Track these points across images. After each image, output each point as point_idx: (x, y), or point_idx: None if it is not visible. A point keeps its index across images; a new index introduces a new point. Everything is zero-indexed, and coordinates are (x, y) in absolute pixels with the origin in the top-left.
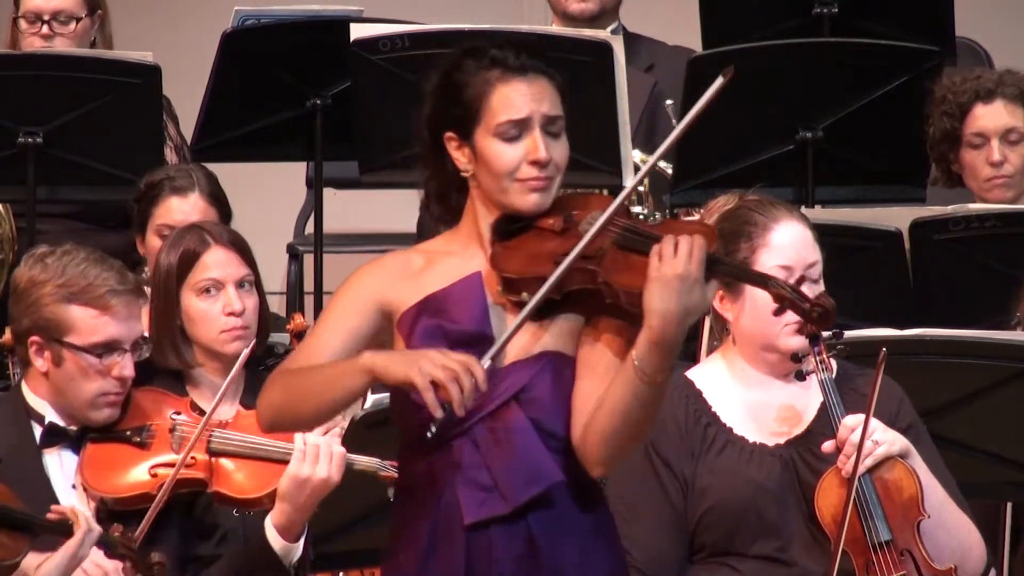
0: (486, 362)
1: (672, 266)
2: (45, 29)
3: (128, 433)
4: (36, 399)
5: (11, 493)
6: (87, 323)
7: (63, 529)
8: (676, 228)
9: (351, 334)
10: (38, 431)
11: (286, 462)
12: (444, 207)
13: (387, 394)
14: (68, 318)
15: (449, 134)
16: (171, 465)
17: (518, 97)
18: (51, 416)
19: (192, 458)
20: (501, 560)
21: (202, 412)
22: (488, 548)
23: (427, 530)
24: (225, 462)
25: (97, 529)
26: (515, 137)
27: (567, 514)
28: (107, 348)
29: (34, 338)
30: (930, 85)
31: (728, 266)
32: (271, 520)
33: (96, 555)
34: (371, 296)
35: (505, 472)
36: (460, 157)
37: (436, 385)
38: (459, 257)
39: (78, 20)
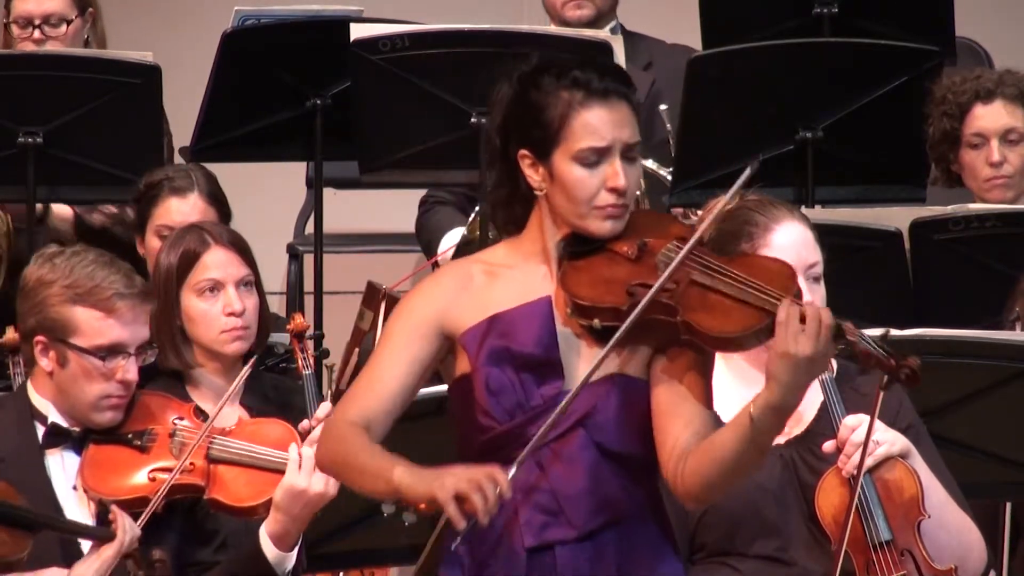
0: (512, 469)
1: (804, 346)
2: (36, 33)
3: (130, 436)
4: (40, 399)
5: (13, 490)
6: (92, 325)
7: (65, 526)
8: (756, 267)
9: (413, 362)
10: (41, 431)
11: (283, 472)
12: (510, 217)
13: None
14: (73, 319)
15: (523, 152)
16: (171, 470)
17: (600, 124)
18: (54, 416)
19: (191, 464)
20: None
21: (206, 416)
22: (553, 568)
23: (486, 551)
24: (223, 469)
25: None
26: (595, 163)
27: (633, 530)
28: (111, 351)
29: (39, 337)
30: (930, 85)
31: (851, 335)
32: (265, 529)
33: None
34: (431, 318)
35: (571, 498)
36: (534, 175)
37: (459, 498)
38: (522, 272)
39: (69, 22)
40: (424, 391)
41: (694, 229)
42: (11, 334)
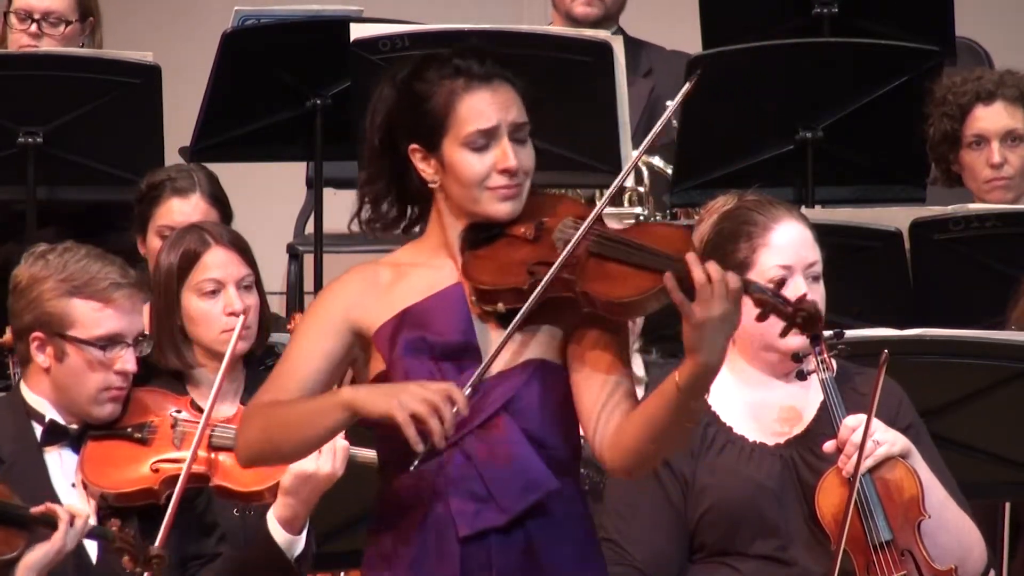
0: (467, 389)
1: (714, 308)
2: (34, 28)
3: (129, 430)
4: (36, 398)
5: (7, 489)
6: (90, 316)
7: (48, 522)
8: (653, 234)
9: (325, 357)
10: (38, 430)
11: None
12: (395, 215)
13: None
14: (70, 312)
15: (414, 146)
16: (173, 461)
17: (485, 106)
18: (51, 414)
19: (195, 453)
20: (499, 571)
21: (202, 410)
22: (486, 559)
23: (417, 545)
24: (226, 457)
25: (83, 523)
26: (484, 147)
27: (563, 521)
28: (110, 341)
29: (36, 334)
30: (930, 85)
31: (751, 285)
32: (274, 513)
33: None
34: (341, 315)
35: (500, 482)
36: (426, 168)
37: (416, 418)
38: (428, 268)
39: (68, 23)
40: None
41: (589, 207)
42: (10, 334)
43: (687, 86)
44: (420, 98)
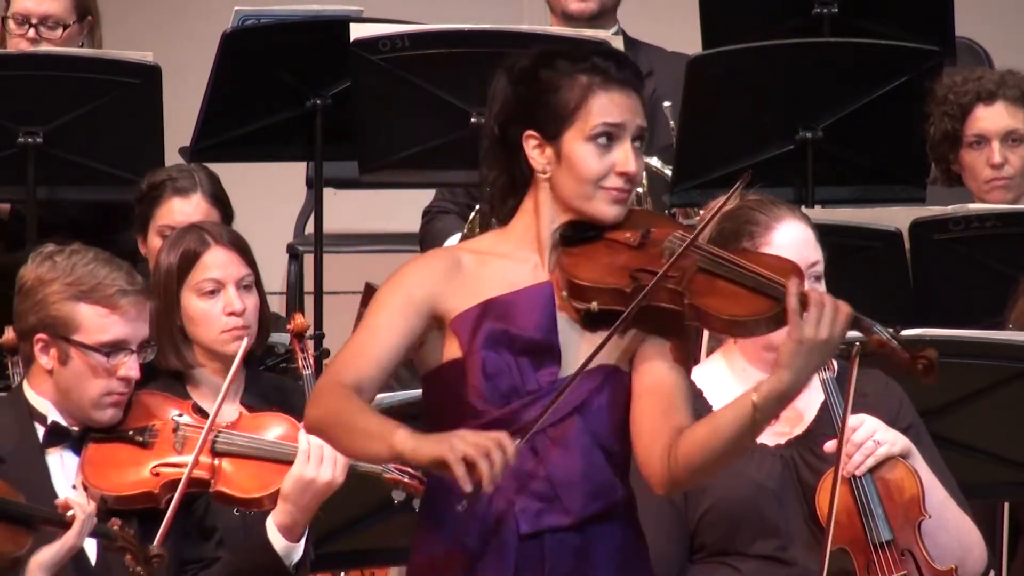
0: (519, 441)
1: (819, 332)
2: (32, 32)
3: (131, 433)
4: (38, 399)
5: (10, 488)
6: (95, 322)
7: (62, 521)
8: (763, 260)
9: (402, 334)
10: (40, 431)
11: (289, 463)
12: (508, 206)
13: (393, 394)
14: (76, 316)
15: (530, 132)
16: (174, 465)
17: (618, 107)
18: (53, 416)
19: (197, 458)
20: (553, 569)
21: (204, 413)
22: (539, 558)
23: (475, 537)
24: (228, 462)
25: (91, 520)
26: (607, 146)
27: (618, 529)
28: (114, 347)
29: (40, 335)
30: (931, 85)
31: (865, 322)
32: (273, 519)
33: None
34: (421, 295)
35: (567, 484)
36: (538, 157)
37: (467, 461)
38: (512, 260)
39: (66, 26)
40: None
41: (694, 227)
42: (10, 334)
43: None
44: (548, 86)
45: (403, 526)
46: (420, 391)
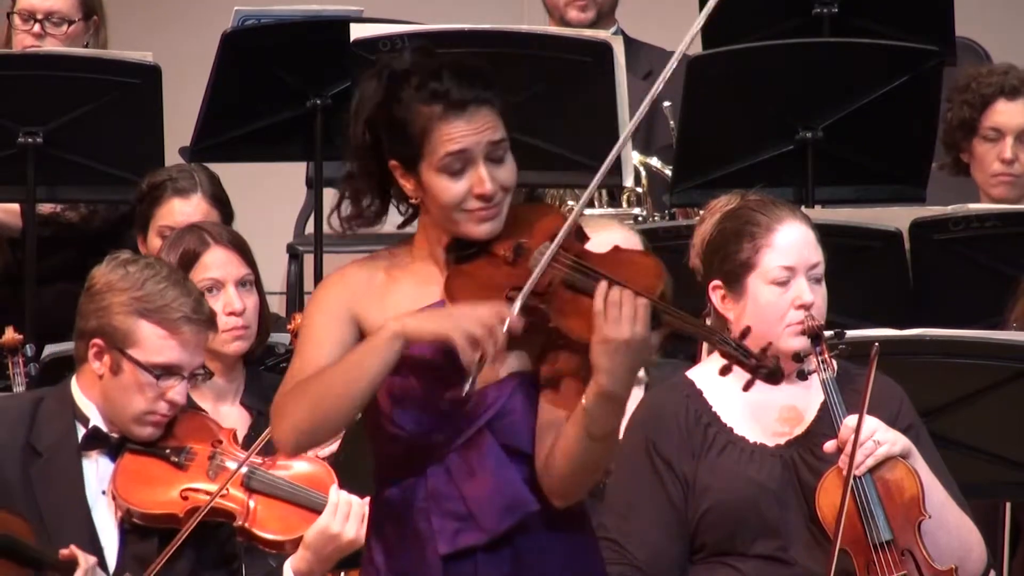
0: (516, 308)
1: (618, 331)
2: (36, 28)
3: (168, 451)
4: (84, 400)
5: (28, 529)
6: (154, 342)
7: (69, 569)
8: (624, 263)
9: (338, 344)
10: (80, 432)
11: (317, 512)
12: (376, 211)
13: None
14: (137, 332)
15: (394, 163)
16: (204, 492)
17: (460, 135)
18: (96, 420)
19: (226, 490)
20: None
21: (244, 444)
22: (472, 574)
23: (403, 558)
24: (258, 500)
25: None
26: (459, 171)
27: (552, 532)
28: (167, 371)
29: (97, 340)
30: (957, 73)
31: (673, 316)
32: (291, 564)
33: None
34: (344, 306)
35: (480, 502)
36: (407, 185)
37: (472, 340)
38: (416, 276)
39: (71, 23)
40: None
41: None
42: (10, 334)
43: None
44: (398, 121)
45: None
46: None
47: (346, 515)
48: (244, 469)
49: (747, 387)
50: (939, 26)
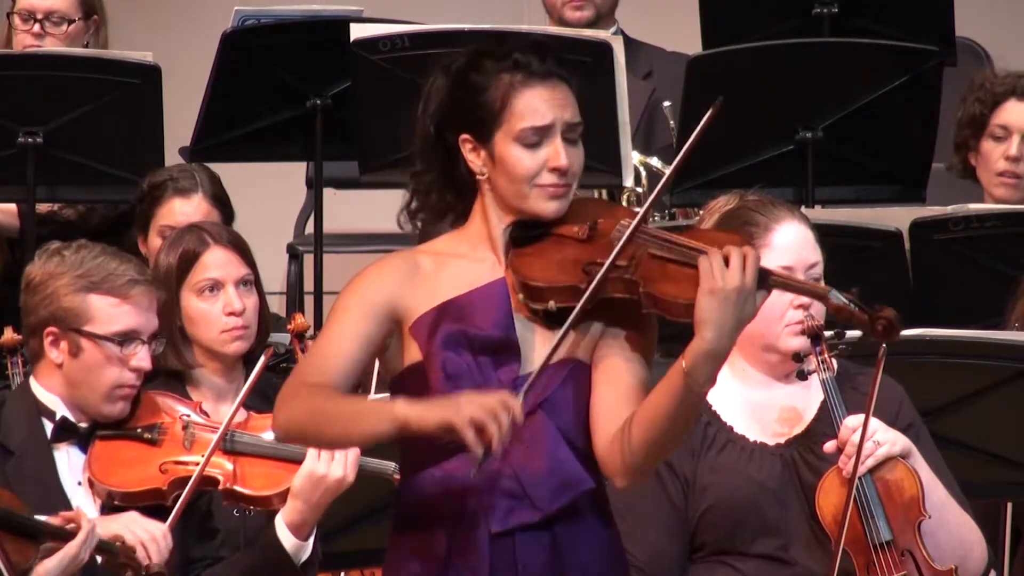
0: (520, 397)
1: (729, 279)
2: (36, 28)
3: (139, 430)
4: (47, 394)
5: (17, 500)
6: (107, 312)
7: (67, 534)
8: (710, 238)
9: (364, 340)
10: (48, 427)
11: (299, 462)
12: (436, 205)
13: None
14: (87, 308)
15: (464, 136)
16: (183, 463)
17: (541, 103)
18: (62, 411)
19: (203, 457)
20: (526, 568)
21: (209, 415)
22: (512, 556)
23: (445, 537)
24: (238, 461)
25: (95, 533)
26: (536, 143)
27: (590, 523)
28: (127, 337)
29: (50, 329)
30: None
31: (779, 278)
32: (282, 517)
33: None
34: (381, 299)
35: (535, 480)
36: (475, 160)
37: (475, 424)
38: (470, 260)
39: (71, 22)
40: None
41: (647, 204)
42: (9, 334)
43: (711, 112)
44: (476, 89)
45: None
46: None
47: (331, 455)
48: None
49: (866, 339)
50: (939, 26)
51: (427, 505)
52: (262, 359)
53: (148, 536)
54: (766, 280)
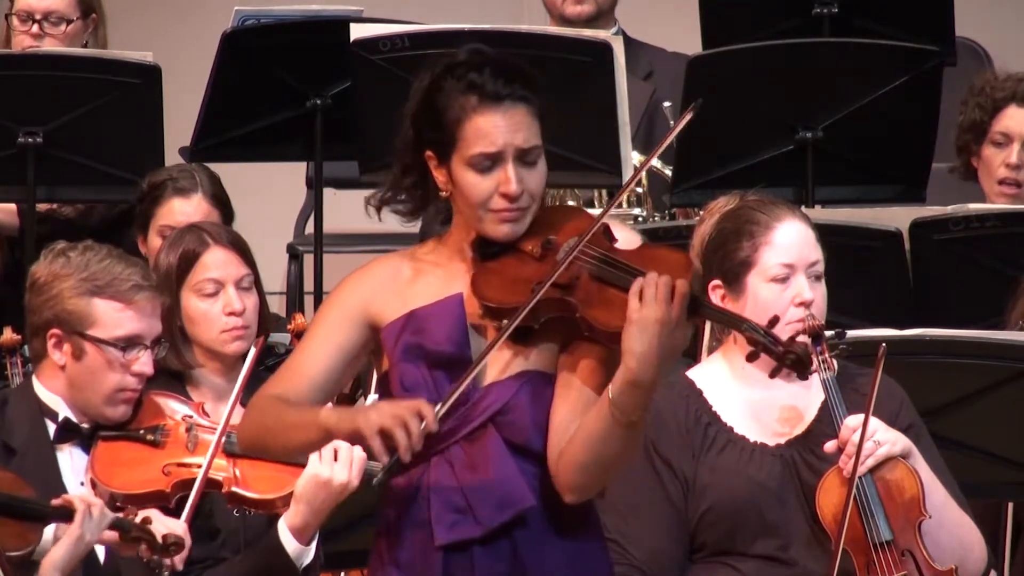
0: (439, 408)
1: (653, 310)
2: (35, 28)
3: (141, 432)
4: (49, 395)
5: (21, 481)
6: (111, 316)
7: (66, 515)
8: (654, 258)
9: (339, 349)
10: (51, 428)
11: (302, 465)
12: (409, 208)
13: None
14: (92, 311)
15: (429, 153)
16: (186, 465)
17: (492, 129)
18: (64, 412)
19: (212, 459)
20: None
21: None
22: (469, 566)
23: (405, 547)
24: (241, 463)
25: (100, 513)
26: (488, 168)
27: (551, 530)
28: (130, 342)
29: (54, 331)
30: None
31: (708, 308)
32: (285, 521)
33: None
34: (359, 307)
35: (478, 494)
36: (439, 176)
37: (383, 433)
38: (444, 271)
39: (69, 22)
40: None
41: (594, 222)
42: (8, 334)
43: (688, 116)
44: (436, 109)
45: None
46: None
47: (333, 458)
48: (224, 436)
49: (773, 375)
50: (939, 26)
51: (393, 509)
52: (252, 351)
53: (169, 532)
54: (697, 310)
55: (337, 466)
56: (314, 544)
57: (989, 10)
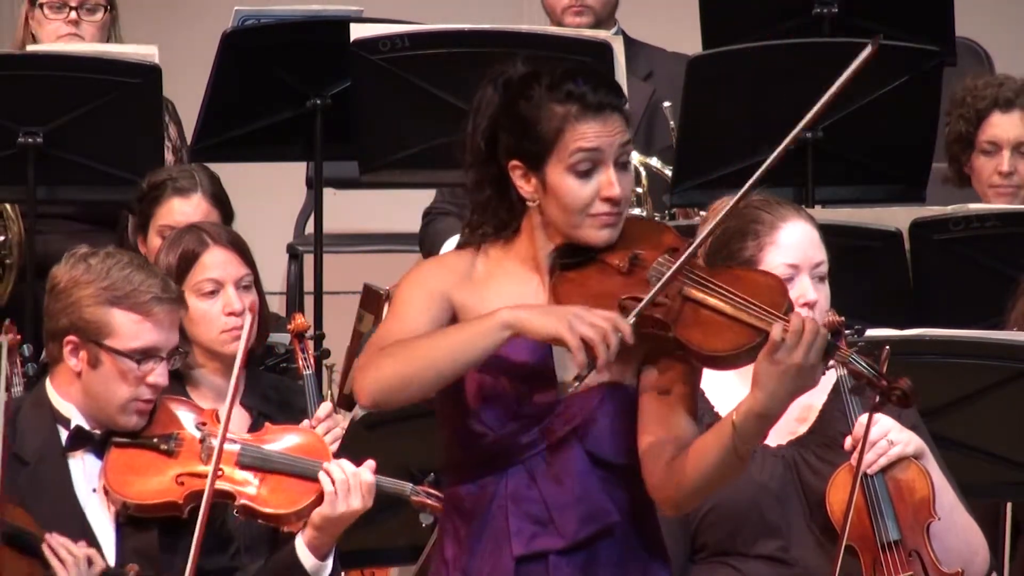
0: (631, 319)
1: (795, 355)
2: (73, 15)
3: (155, 440)
4: (62, 401)
5: (31, 518)
6: (129, 328)
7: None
8: (742, 282)
9: (433, 322)
10: (63, 434)
11: (314, 478)
12: (493, 220)
13: None
14: (110, 321)
15: (514, 163)
16: (199, 475)
17: (595, 136)
18: (77, 419)
19: (220, 470)
20: None
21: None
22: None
23: (476, 554)
24: (254, 476)
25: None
26: (588, 172)
27: (627, 541)
28: (146, 354)
29: (71, 338)
30: (936, 85)
31: (843, 354)
32: (303, 539)
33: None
34: (442, 289)
35: (561, 507)
36: (525, 186)
37: (585, 341)
38: (515, 278)
39: (105, 10)
40: None
41: (687, 241)
42: (10, 335)
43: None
44: (527, 119)
45: (404, 527)
46: None
47: (347, 492)
48: (236, 447)
49: (876, 409)
50: (939, 26)
51: (461, 518)
52: (239, 358)
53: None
54: (831, 355)
55: (352, 499)
56: (331, 559)
57: (989, 10)
